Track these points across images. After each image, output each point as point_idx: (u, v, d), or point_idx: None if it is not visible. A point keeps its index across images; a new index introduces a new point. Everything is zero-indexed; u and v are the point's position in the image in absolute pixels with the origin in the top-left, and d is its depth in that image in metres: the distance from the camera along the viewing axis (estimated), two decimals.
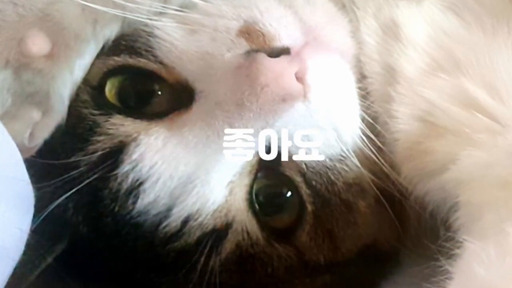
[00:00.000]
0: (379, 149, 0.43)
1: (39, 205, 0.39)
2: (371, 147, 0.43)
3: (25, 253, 0.37)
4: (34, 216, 0.39)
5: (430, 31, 0.43)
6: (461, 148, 0.39)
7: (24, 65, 0.39)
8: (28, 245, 0.38)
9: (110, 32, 0.41)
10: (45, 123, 0.40)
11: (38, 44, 0.38)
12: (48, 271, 0.42)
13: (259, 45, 0.39)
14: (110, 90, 0.42)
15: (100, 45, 0.41)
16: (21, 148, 0.37)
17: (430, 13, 0.43)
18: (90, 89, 0.42)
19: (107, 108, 0.41)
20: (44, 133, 0.40)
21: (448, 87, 0.41)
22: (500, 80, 0.39)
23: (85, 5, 0.38)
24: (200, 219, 0.40)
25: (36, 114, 0.39)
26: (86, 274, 0.44)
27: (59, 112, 0.40)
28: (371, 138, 0.43)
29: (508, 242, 0.31)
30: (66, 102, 0.40)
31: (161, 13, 0.41)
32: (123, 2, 0.37)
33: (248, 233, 0.41)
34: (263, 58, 0.38)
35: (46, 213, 0.39)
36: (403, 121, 0.42)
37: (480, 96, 0.39)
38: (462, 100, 0.40)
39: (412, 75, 0.42)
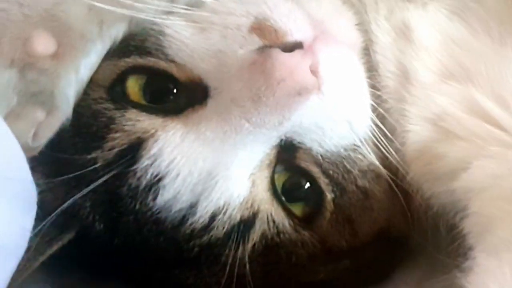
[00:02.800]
0: (390, 142, 0.44)
1: (53, 201, 0.40)
2: (382, 138, 0.44)
3: (31, 239, 0.38)
4: (48, 211, 0.40)
5: (439, 36, 0.44)
6: (473, 157, 0.40)
7: (29, 65, 0.39)
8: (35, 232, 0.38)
9: (117, 32, 0.41)
10: (50, 122, 0.40)
11: (43, 44, 0.38)
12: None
13: (271, 41, 0.40)
14: (133, 87, 0.43)
15: (107, 45, 0.41)
16: (25, 148, 0.37)
17: (436, 18, 0.44)
18: (104, 89, 0.42)
19: (123, 103, 0.42)
20: (48, 132, 0.40)
21: (458, 95, 0.42)
22: (509, 90, 0.40)
23: (92, 5, 0.38)
24: (228, 213, 0.41)
25: (40, 114, 0.40)
26: (98, 271, 0.45)
27: (63, 111, 0.40)
28: (382, 130, 0.44)
29: None
30: (71, 102, 0.41)
31: (169, 12, 0.41)
32: (130, 2, 0.38)
33: (274, 221, 0.43)
34: (278, 53, 0.38)
35: (59, 210, 0.40)
36: (414, 122, 0.43)
37: (489, 107, 0.40)
38: (471, 109, 0.41)
39: (425, 79, 0.43)
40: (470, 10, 0.43)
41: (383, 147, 0.43)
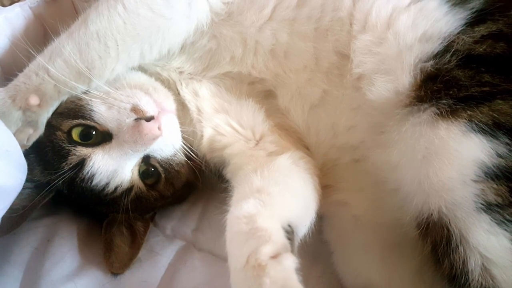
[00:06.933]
0: (192, 142, 0.94)
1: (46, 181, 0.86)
2: (187, 146, 0.92)
3: (32, 196, 0.85)
4: (41, 185, 0.86)
5: (210, 92, 0.94)
6: (231, 143, 0.91)
7: (27, 109, 0.84)
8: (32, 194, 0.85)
9: (66, 97, 0.87)
10: (34, 135, 0.86)
11: (33, 100, 0.83)
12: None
13: (141, 115, 0.83)
14: (75, 134, 0.85)
15: (59, 102, 0.87)
16: (21, 145, 0.82)
17: (207, 85, 0.95)
18: (64, 133, 0.85)
19: (74, 143, 0.85)
20: (34, 139, 0.87)
21: (221, 118, 0.92)
22: (240, 117, 0.91)
23: (54, 84, 0.84)
24: (122, 186, 0.87)
25: (31, 130, 0.86)
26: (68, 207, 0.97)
27: (41, 130, 0.87)
28: (186, 145, 0.93)
29: None
30: (44, 125, 0.87)
31: (89, 92, 0.86)
32: (73, 85, 0.83)
33: (139, 187, 0.90)
34: (144, 122, 0.82)
35: (52, 185, 0.86)
36: (205, 130, 0.93)
37: (231, 122, 0.91)
38: (227, 123, 0.92)
39: (207, 111, 0.93)
40: (222, 82, 0.94)
41: (186, 150, 0.92)
